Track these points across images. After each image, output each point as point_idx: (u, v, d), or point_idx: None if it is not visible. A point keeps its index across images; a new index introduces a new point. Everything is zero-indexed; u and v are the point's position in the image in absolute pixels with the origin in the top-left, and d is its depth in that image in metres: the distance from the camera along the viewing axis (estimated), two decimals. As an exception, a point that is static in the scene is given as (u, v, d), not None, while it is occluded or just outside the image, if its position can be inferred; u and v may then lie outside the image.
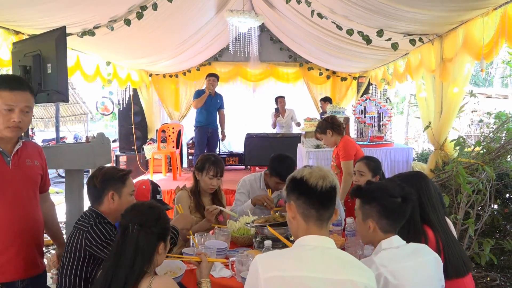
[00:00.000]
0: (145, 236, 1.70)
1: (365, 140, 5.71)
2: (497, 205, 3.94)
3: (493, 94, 10.76)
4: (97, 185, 2.17)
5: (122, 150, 8.44)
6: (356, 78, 9.12)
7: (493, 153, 3.86)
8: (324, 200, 1.59)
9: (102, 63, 6.37)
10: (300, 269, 1.47)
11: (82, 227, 2.08)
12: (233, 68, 9.18)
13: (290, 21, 6.59)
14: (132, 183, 2.32)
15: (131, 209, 1.78)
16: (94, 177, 2.19)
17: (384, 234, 1.87)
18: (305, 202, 1.59)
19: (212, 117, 7.14)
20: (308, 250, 1.55)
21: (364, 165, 3.20)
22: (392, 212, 1.87)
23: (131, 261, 1.65)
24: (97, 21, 4.52)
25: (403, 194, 1.86)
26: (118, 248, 1.69)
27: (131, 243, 1.68)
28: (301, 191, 1.60)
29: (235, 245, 2.74)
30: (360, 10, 4.31)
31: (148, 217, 1.74)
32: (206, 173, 3.02)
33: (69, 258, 2.05)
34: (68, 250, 2.07)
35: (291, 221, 1.66)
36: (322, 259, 1.51)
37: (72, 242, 2.06)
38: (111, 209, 2.18)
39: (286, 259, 1.52)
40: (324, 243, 1.58)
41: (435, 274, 1.84)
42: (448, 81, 4.46)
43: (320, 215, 1.59)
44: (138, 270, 1.66)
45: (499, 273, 4.01)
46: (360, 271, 1.53)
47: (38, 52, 2.82)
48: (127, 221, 1.72)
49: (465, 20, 4.00)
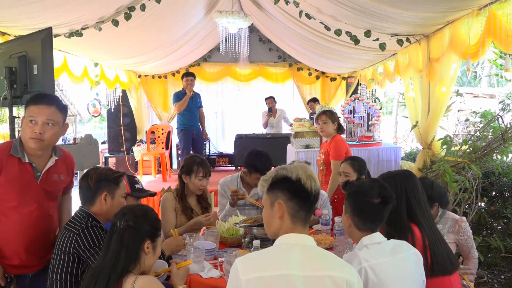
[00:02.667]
0: (130, 231, 1.72)
1: (354, 139, 5.75)
2: (483, 203, 3.98)
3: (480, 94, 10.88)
4: (91, 185, 2.17)
5: (111, 151, 8.38)
6: (345, 78, 9.17)
7: (479, 151, 3.91)
8: (313, 203, 1.62)
9: (90, 64, 6.32)
10: (279, 268, 1.47)
11: (73, 229, 2.06)
12: (222, 68, 9.17)
13: (278, 21, 6.61)
14: (125, 186, 2.32)
15: (125, 207, 1.83)
16: (88, 177, 2.19)
17: (360, 232, 1.90)
18: (298, 204, 1.59)
19: (195, 118, 7.00)
20: (288, 248, 1.56)
21: (348, 166, 3.22)
22: (362, 211, 1.90)
23: (115, 256, 1.66)
24: (84, 22, 4.49)
25: (383, 195, 1.88)
26: (106, 245, 1.71)
27: (117, 238, 1.69)
28: (296, 192, 1.59)
29: (224, 246, 2.75)
30: (347, 10, 4.33)
31: (135, 213, 1.76)
32: (195, 175, 3.01)
33: (59, 260, 2.04)
34: (58, 252, 2.06)
35: (272, 220, 1.63)
36: (301, 256, 1.52)
37: (62, 244, 2.05)
38: (103, 210, 2.17)
39: (266, 259, 1.52)
40: (304, 241, 1.58)
41: (415, 269, 1.87)
42: (435, 80, 4.50)
43: (307, 217, 1.62)
44: (122, 266, 1.66)
45: (486, 270, 4.06)
46: (340, 267, 1.53)
47: (24, 53, 2.80)
48: (116, 218, 1.75)
49: (451, 21, 4.05)
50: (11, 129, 2.89)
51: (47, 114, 2.17)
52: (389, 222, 2.12)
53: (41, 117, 2.16)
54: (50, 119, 2.18)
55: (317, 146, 5.76)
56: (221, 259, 2.33)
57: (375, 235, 1.88)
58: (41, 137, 2.16)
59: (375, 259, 1.77)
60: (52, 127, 2.20)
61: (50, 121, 2.18)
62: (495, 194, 3.98)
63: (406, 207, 2.12)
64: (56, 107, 2.22)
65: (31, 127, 2.15)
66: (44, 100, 2.19)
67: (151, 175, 7.65)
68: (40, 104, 2.16)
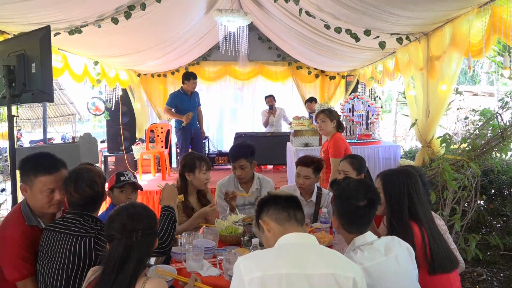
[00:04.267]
0: (149, 239, 1.72)
1: (354, 138, 5.75)
2: (482, 201, 3.99)
3: (479, 92, 10.88)
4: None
5: (110, 150, 8.37)
6: (345, 77, 9.17)
7: (478, 149, 3.91)
8: (291, 202, 1.68)
9: (90, 63, 6.32)
10: (282, 267, 1.48)
11: (81, 234, 2.01)
12: (222, 67, 9.16)
13: (278, 20, 6.60)
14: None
15: (128, 216, 1.71)
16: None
17: (348, 234, 1.91)
18: (275, 209, 1.68)
19: (193, 117, 6.97)
20: (289, 247, 1.57)
21: (348, 164, 3.22)
22: (348, 214, 1.90)
23: (136, 266, 1.64)
24: (84, 19, 4.48)
25: (369, 197, 1.88)
26: (122, 257, 1.64)
27: (137, 250, 1.67)
28: (268, 203, 1.70)
29: (223, 244, 2.75)
30: (347, 10, 4.33)
31: (149, 221, 1.75)
32: (199, 170, 3.06)
33: (63, 266, 1.97)
34: (62, 259, 1.98)
35: (267, 237, 1.70)
36: (303, 255, 1.53)
37: (71, 249, 1.98)
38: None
39: (268, 259, 1.53)
40: (305, 239, 1.61)
41: (408, 265, 1.88)
42: (436, 79, 4.50)
43: (293, 215, 1.65)
44: (139, 272, 1.66)
45: (485, 268, 4.06)
46: (344, 265, 1.55)
47: (22, 52, 2.80)
48: (129, 230, 1.68)
49: (451, 18, 4.04)
50: (9, 128, 2.89)
51: (60, 179, 2.18)
52: (391, 218, 2.12)
53: (57, 183, 2.16)
54: (63, 182, 2.18)
55: (317, 144, 5.76)
56: (220, 258, 2.33)
57: (366, 235, 1.89)
58: (61, 202, 2.21)
59: (369, 261, 1.77)
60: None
61: (64, 184, 2.18)
62: (494, 192, 3.99)
63: (408, 203, 2.12)
64: (63, 168, 2.23)
65: (48, 195, 2.15)
66: (54, 167, 2.18)
67: (151, 173, 7.64)
68: (53, 172, 2.16)
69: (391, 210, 2.15)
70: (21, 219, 2.15)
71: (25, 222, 2.15)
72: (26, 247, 2.09)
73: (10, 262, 2.07)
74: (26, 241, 2.10)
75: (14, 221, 2.17)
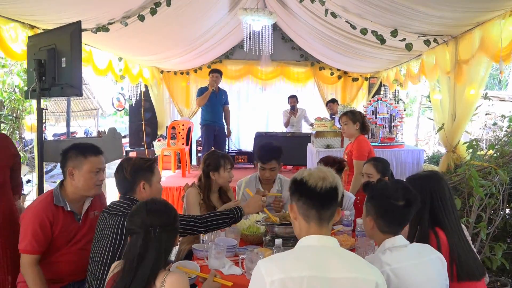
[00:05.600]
0: (167, 236, 1.72)
1: (376, 141, 5.68)
2: (509, 209, 3.89)
3: (507, 97, 10.61)
4: (127, 177, 2.25)
5: (132, 146, 8.48)
6: (368, 79, 9.07)
7: (506, 156, 3.81)
8: (324, 200, 1.60)
9: (115, 58, 6.41)
10: (304, 269, 1.46)
11: (121, 213, 2.15)
12: (244, 66, 9.17)
13: (302, 20, 6.57)
14: (159, 172, 2.42)
15: (148, 211, 1.73)
16: (123, 168, 2.27)
17: (382, 234, 1.88)
18: (305, 203, 1.61)
19: (217, 114, 7.05)
20: (311, 250, 1.55)
21: (371, 167, 3.18)
22: (387, 214, 1.87)
23: (155, 262, 1.66)
24: (111, 17, 4.54)
25: (407, 197, 1.86)
26: (140, 252, 1.66)
27: (155, 246, 1.67)
28: (302, 192, 1.62)
29: (244, 243, 2.74)
30: (373, 8, 4.27)
31: (168, 217, 1.75)
32: (223, 169, 3.08)
33: (103, 242, 2.12)
34: (104, 234, 2.14)
35: (293, 222, 1.69)
36: (325, 258, 1.51)
37: (110, 226, 2.13)
38: (143, 197, 2.21)
39: (290, 261, 1.51)
40: (327, 242, 1.58)
41: (438, 274, 1.84)
42: (463, 83, 4.40)
43: (320, 215, 1.60)
44: (160, 267, 1.68)
45: (510, 278, 3.96)
46: (367, 269, 1.53)
47: (53, 46, 2.85)
48: (148, 225, 1.69)
49: (481, 22, 3.95)
50: (38, 120, 2.94)
51: (103, 161, 2.47)
52: (411, 224, 2.09)
53: (102, 165, 2.45)
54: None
55: (338, 146, 5.71)
56: (242, 256, 2.32)
57: (398, 238, 1.86)
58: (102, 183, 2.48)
59: (397, 262, 1.74)
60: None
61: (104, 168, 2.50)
62: (522, 200, 3.88)
63: (429, 210, 2.08)
64: (102, 154, 2.47)
65: (95, 176, 2.37)
66: (98, 150, 2.43)
67: (171, 170, 7.71)
68: (99, 154, 2.42)
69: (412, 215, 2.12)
70: (50, 198, 2.33)
71: (52, 201, 2.31)
72: (41, 224, 2.24)
73: (23, 230, 2.25)
74: (45, 218, 2.25)
75: (42, 198, 2.36)
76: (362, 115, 4.28)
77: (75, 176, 2.33)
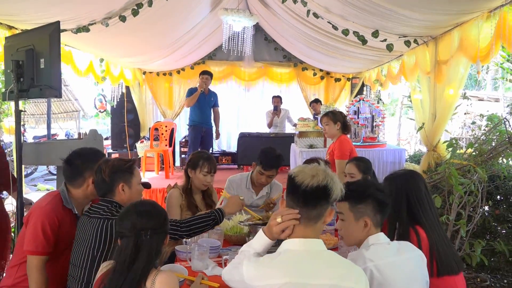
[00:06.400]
0: (158, 238, 1.71)
1: (358, 140, 5.74)
2: (488, 206, 3.97)
3: (485, 97, 10.84)
4: (106, 179, 2.16)
5: (114, 147, 8.39)
6: (350, 79, 9.15)
7: (485, 155, 3.88)
8: (307, 199, 1.55)
9: (96, 59, 6.33)
10: (284, 275, 1.45)
11: (102, 216, 2.08)
12: (227, 67, 9.15)
13: (285, 20, 6.59)
14: (139, 173, 2.34)
15: (138, 214, 1.71)
16: (101, 170, 2.18)
17: (375, 230, 1.89)
18: (291, 200, 1.59)
19: (205, 115, 7.05)
20: (293, 255, 1.53)
21: (354, 167, 3.19)
22: (384, 206, 1.90)
23: (146, 264, 1.65)
24: (92, 18, 4.48)
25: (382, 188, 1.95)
26: (132, 255, 1.64)
27: (147, 249, 1.66)
28: (289, 188, 1.61)
29: (228, 244, 2.74)
30: (355, 10, 4.32)
31: (158, 219, 1.74)
32: (200, 170, 3.02)
33: (90, 248, 2.04)
34: (85, 238, 2.07)
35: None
36: (307, 264, 1.50)
37: (91, 231, 2.06)
38: (123, 200, 2.18)
39: (272, 267, 1.50)
40: (310, 246, 1.56)
41: (419, 271, 1.86)
42: (443, 83, 4.48)
43: (304, 213, 1.56)
44: (150, 268, 1.66)
45: (489, 274, 4.04)
46: (348, 275, 1.51)
47: (31, 47, 2.80)
48: (139, 228, 1.67)
49: (460, 23, 4.03)
50: (16, 122, 2.88)
51: None
52: (389, 223, 2.11)
53: None
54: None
55: (321, 146, 5.75)
56: (225, 257, 2.32)
57: (381, 235, 1.87)
58: None
59: (380, 259, 1.75)
60: None
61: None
62: (500, 198, 3.97)
63: (406, 208, 2.11)
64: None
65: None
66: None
67: (154, 171, 7.65)
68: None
69: (389, 213, 2.14)
70: (58, 198, 2.29)
71: (61, 203, 2.28)
72: (51, 225, 2.19)
73: (33, 231, 2.17)
74: (55, 220, 2.20)
75: (52, 198, 2.29)
76: (343, 115, 4.31)
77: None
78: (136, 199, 2.07)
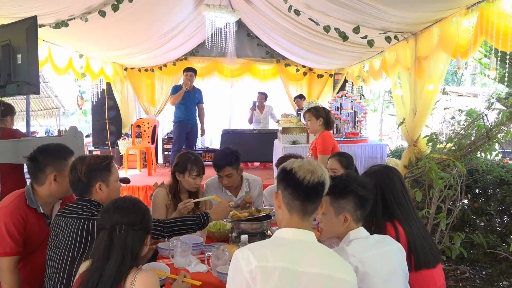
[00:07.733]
0: (134, 235, 1.67)
1: (341, 136, 5.78)
2: (467, 200, 4.04)
3: (464, 93, 11.04)
4: (82, 178, 2.07)
5: (95, 145, 8.28)
6: (333, 75, 9.20)
7: (464, 149, 3.95)
8: (309, 194, 1.60)
9: (75, 55, 6.22)
10: (279, 259, 1.47)
11: (81, 216, 2.00)
12: (210, 63, 9.10)
13: (267, 16, 6.59)
14: (117, 170, 2.26)
15: (115, 208, 1.70)
16: (76, 169, 2.09)
17: (356, 225, 1.91)
18: (291, 194, 1.61)
19: (190, 112, 7.00)
20: (286, 242, 1.56)
21: (336, 162, 3.21)
22: (365, 202, 1.92)
23: (120, 261, 1.62)
24: (71, 12, 4.40)
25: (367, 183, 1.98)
26: (105, 250, 1.62)
27: (120, 245, 1.64)
28: (289, 182, 1.63)
29: (211, 240, 2.73)
30: (336, 5, 4.33)
31: (135, 216, 1.71)
32: (189, 174, 2.99)
33: (69, 249, 1.96)
34: (68, 242, 1.97)
35: (277, 210, 1.69)
36: (299, 252, 1.52)
37: (70, 231, 1.97)
38: (102, 199, 2.11)
39: (267, 250, 1.52)
40: (304, 236, 1.59)
41: (399, 263, 1.89)
42: (423, 78, 4.54)
43: (304, 207, 1.61)
44: (127, 267, 1.63)
45: (468, 266, 4.13)
46: (339, 267, 1.55)
47: (7, 42, 2.74)
48: (113, 222, 1.66)
49: (439, 19, 4.07)
50: (-7, 119, 2.82)
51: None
52: (366, 218, 2.13)
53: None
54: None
55: (304, 142, 5.77)
56: (208, 254, 2.31)
57: (361, 229, 1.89)
58: None
59: (362, 252, 1.78)
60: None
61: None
62: (478, 191, 4.04)
63: (382, 203, 2.13)
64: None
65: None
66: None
67: (137, 169, 7.58)
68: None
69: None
70: (22, 199, 2.22)
71: (25, 201, 2.21)
72: (16, 225, 2.13)
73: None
74: (20, 219, 2.15)
75: (14, 197, 2.23)
76: (326, 110, 4.32)
77: (58, 180, 2.25)
78: (114, 196, 1.99)
